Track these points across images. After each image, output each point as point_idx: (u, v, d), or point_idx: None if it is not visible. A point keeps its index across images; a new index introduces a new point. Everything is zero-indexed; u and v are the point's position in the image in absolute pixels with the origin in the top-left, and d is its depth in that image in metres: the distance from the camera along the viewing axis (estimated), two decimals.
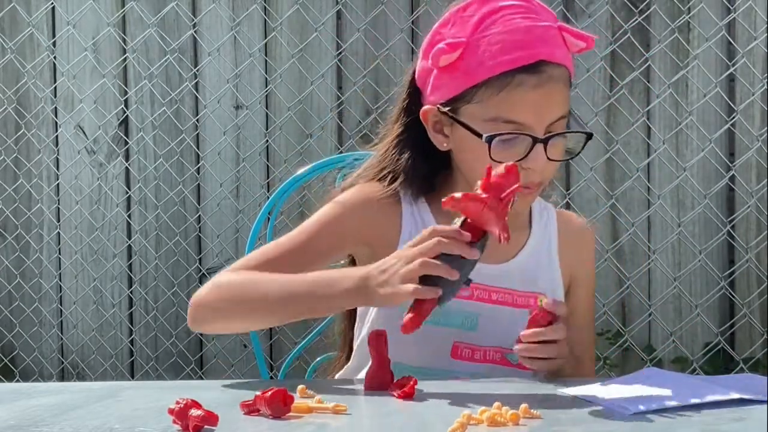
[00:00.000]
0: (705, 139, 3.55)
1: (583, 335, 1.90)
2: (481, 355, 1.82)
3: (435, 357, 1.82)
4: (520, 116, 1.73)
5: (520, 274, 1.86)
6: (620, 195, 3.59)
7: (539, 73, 1.73)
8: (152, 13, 3.90)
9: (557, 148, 1.77)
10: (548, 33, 1.76)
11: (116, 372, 3.98)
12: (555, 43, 1.76)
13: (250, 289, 1.75)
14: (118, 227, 3.98)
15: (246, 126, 3.87)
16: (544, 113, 1.74)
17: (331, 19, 3.80)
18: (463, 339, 1.82)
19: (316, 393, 1.50)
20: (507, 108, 1.73)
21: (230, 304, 1.75)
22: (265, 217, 2.28)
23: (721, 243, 3.60)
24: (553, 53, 1.75)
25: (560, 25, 1.78)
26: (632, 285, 3.58)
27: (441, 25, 1.81)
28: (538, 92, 1.73)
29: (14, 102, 4.02)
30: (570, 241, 1.93)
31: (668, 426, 1.33)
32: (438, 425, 1.33)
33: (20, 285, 4.04)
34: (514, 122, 1.74)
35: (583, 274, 1.95)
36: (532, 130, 1.74)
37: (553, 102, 1.75)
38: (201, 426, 1.31)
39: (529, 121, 1.74)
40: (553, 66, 1.75)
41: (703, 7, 3.52)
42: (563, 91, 1.77)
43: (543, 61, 1.74)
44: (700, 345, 3.64)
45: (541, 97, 1.74)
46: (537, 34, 1.75)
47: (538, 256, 1.89)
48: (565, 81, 1.78)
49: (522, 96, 1.73)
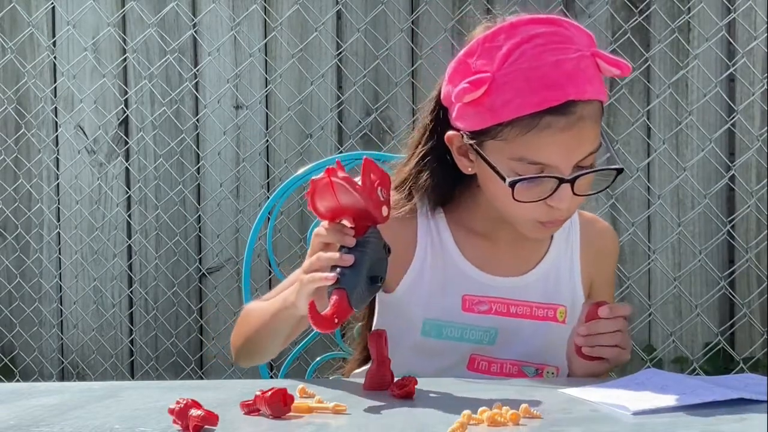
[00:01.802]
0: (705, 139, 3.56)
1: None
2: (497, 368, 1.81)
3: (451, 369, 1.81)
4: (547, 158, 1.66)
5: (539, 285, 1.83)
6: (620, 195, 3.59)
7: (568, 114, 1.65)
8: (152, 13, 3.90)
9: (585, 183, 1.69)
10: (580, 66, 1.66)
11: (116, 372, 3.98)
12: (585, 76, 1.66)
13: (247, 321, 1.82)
14: (118, 227, 3.98)
15: (246, 126, 3.87)
16: (572, 154, 1.66)
17: (331, 19, 3.80)
18: (481, 352, 1.81)
19: (316, 393, 1.50)
20: (534, 150, 1.66)
21: (243, 338, 1.82)
22: (265, 217, 2.28)
23: (721, 243, 3.60)
24: (584, 90, 1.66)
25: (594, 52, 1.69)
26: (632, 285, 3.58)
27: (467, 54, 1.72)
28: (567, 134, 1.65)
29: (14, 102, 4.02)
30: (592, 246, 1.89)
31: (668, 426, 1.33)
32: (438, 425, 1.33)
33: (20, 285, 4.04)
34: (540, 164, 1.66)
35: (604, 280, 1.91)
36: (557, 170, 1.66)
37: (583, 141, 1.67)
38: (201, 426, 1.31)
39: (555, 163, 1.66)
40: (583, 104, 1.66)
41: (703, 7, 3.52)
42: (594, 128, 1.68)
43: (572, 101, 1.65)
44: (700, 345, 3.64)
45: (570, 139, 1.65)
46: (566, 70, 1.65)
47: (558, 264, 1.85)
48: (596, 117, 1.69)
49: (549, 138, 1.65)
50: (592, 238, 1.89)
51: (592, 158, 1.69)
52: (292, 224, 3.79)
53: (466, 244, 1.83)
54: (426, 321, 1.80)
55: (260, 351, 1.83)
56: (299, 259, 3.89)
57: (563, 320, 1.83)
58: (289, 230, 3.79)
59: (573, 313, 1.82)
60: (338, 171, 1.53)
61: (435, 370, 1.79)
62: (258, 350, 1.83)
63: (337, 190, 1.54)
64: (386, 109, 3.71)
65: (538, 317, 1.82)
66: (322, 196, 1.56)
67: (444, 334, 1.81)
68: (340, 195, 1.54)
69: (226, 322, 3.87)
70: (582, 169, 1.68)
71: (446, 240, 1.83)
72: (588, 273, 1.88)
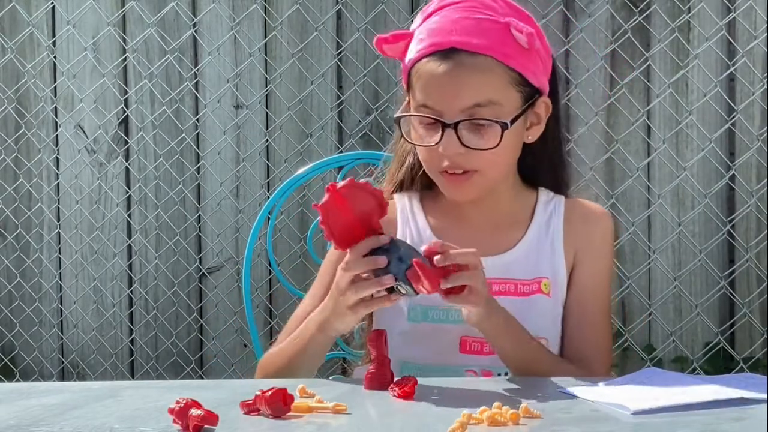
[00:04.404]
0: (705, 139, 3.55)
1: (587, 329, 1.86)
2: (489, 347, 1.81)
3: (443, 354, 1.83)
4: (431, 100, 1.77)
5: (521, 263, 1.85)
6: (620, 194, 3.58)
7: (448, 59, 1.76)
8: (152, 13, 3.89)
9: (475, 136, 1.76)
10: (480, 25, 1.76)
11: (116, 372, 3.98)
12: (479, 31, 1.76)
13: (273, 362, 1.84)
14: (118, 227, 3.98)
15: (246, 126, 3.87)
16: (453, 100, 1.76)
17: (331, 19, 3.80)
18: (470, 333, 1.81)
19: (316, 393, 1.50)
20: (421, 92, 1.78)
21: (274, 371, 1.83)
22: (265, 217, 2.28)
23: (721, 243, 3.60)
24: (470, 42, 1.76)
25: (508, 21, 1.77)
26: (632, 284, 3.57)
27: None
28: (446, 77, 1.76)
29: (14, 102, 4.02)
30: (575, 226, 1.89)
31: (668, 426, 1.33)
32: (438, 425, 1.33)
33: (20, 285, 4.04)
34: (427, 106, 1.78)
35: (588, 258, 1.88)
36: (442, 114, 1.77)
37: (463, 88, 1.75)
38: (201, 426, 1.31)
39: (439, 106, 1.77)
40: (467, 54, 1.76)
41: (703, 7, 3.51)
42: (480, 79, 1.76)
43: (455, 48, 1.76)
44: (700, 345, 3.64)
45: (449, 83, 1.76)
46: (462, 25, 1.77)
47: (539, 245, 1.87)
48: (485, 70, 1.76)
49: (432, 81, 1.77)
50: (575, 217, 1.91)
51: (485, 113, 1.76)
52: (292, 224, 3.79)
53: (441, 228, 1.87)
54: (412, 306, 1.83)
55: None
56: (299, 258, 3.90)
57: (548, 292, 1.85)
58: (289, 230, 3.79)
59: (556, 285, 1.85)
60: (337, 184, 1.60)
61: (428, 357, 1.81)
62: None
63: (348, 199, 1.60)
64: (386, 108, 3.71)
65: (524, 293, 1.84)
66: (335, 214, 1.61)
67: (430, 317, 1.84)
68: (352, 202, 1.61)
69: (226, 322, 3.87)
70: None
71: (421, 224, 1.88)
72: (571, 249, 1.88)
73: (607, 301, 1.91)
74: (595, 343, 1.86)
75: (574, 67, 3.62)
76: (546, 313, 1.83)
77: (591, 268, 1.88)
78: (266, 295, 3.81)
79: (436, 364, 1.82)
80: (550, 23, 3.57)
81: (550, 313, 1.84)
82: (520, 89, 1.79)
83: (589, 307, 1.87)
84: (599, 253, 1.90)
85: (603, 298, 1.90)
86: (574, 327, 1.86)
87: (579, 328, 1.85)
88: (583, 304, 1.86)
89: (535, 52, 1.79)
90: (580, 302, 1.86)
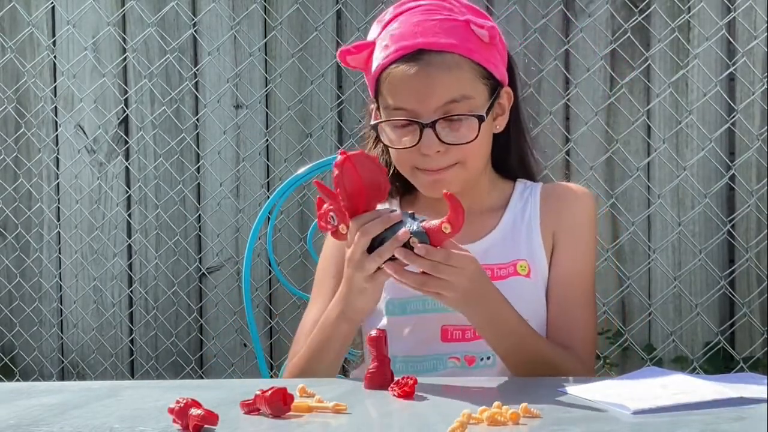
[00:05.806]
0: (705, 139, 3.55)
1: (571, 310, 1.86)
2: (471, 334, 1.83)
3: (426, 344, 1.85)
4: (406, 102, 1.81)
5: (497, 247, 1.88)
6: (620, 194, 3.59)
7: (417, 60, 1.80)
8: (152, 13, 3.89)
9: (452, 132, 1.81)
10: (442, 25, 1.82)
11: (116, 371, 3.98)
12: (442, 30, 1.81)
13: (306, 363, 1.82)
14: (118, 226, 3.98)
15: (246, 125, 3.87)
16: (426, 99, 1.80)
17: (331, 19, 3.80)
18: (451, 321, 1.83)
19: (316, 392, 1.50)
20: (393, 96, 1.82)
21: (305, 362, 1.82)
22: (265, 216, 2.28)
23: (721, 242, 3.60)
24: (436, 42, 1.81)
25: (467, 19, 1.83)
26: (632, 284, 3.58)
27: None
28: (417, 78, 1.80)
29: (14, 101, 4.02)
30: (551, 206, 1.92)
31: (668, 426, 1.33)
32: (438, 425, 1.33)
33: (20, 285, 4.04)
34: (402, 109, 1.82)
35: (569, 237, 1.89)
36: (418, 115, 1.80)
37: (435, 87, 1.80)
38: (201, 425, 1.31)
39: (413, 107, 1.80)
40: (435, 53, 1.80)
41: (703, 7, 3.52)
42: (450, 77, 1.80)
43: (423, 50, 1.80)
44: (700, 344, 3.64)
45: (420, 83, 1.80)
46: (425, 27, 1.82)
47: (514, 228, 1.90)
48: (454, 68, 1.81)
49: (404, 84, 1.81)
50: (551, 198, 1.93)
51: (460, 108, 1.81)
52: (292, 224, 3.79)
53: None
54: (389, 301, 1.85)
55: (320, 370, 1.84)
56: (299, 258, 3.90)
57: (526, 274, 1.87)
58: (289, 230, 3.79)
59: (535, 266, 1.87)
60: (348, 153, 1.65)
61: (411, 349, 1.83)
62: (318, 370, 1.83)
63: (358, 166, 1.64)
64: None
65: (501, 277, 1.85)
66: (348, 176, 1.65)
67: (408, 309, 1.86)
68: (361, 170, 1.65)
69: (226, 322, 3.87)
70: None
71: None
72: (548, 229, 1.89)
73: (591, 280, 1.91)
74: (580, 324, 1.87)
75: (574, 67, 3.62)
76: (525, 294, 1.84)
77: (572, 248, 1.90)
78: (266, 295, 3.81)
79: (420, 355, 1.84)
80: (550, 23, 3.57)
81: (531, 295, 1.86)
82: (486, 82, 1.84)
83: (570, 289, 1.88)
84: (579, 231, 1.91)
85: (586, 278, 1.91)
86: (557, 307, 1.87)
87: (562, 308, 1.87)
88: (566, 285, 1.88)
89: (494, 46, 1.85)
90: (562, 283, 1.88)
